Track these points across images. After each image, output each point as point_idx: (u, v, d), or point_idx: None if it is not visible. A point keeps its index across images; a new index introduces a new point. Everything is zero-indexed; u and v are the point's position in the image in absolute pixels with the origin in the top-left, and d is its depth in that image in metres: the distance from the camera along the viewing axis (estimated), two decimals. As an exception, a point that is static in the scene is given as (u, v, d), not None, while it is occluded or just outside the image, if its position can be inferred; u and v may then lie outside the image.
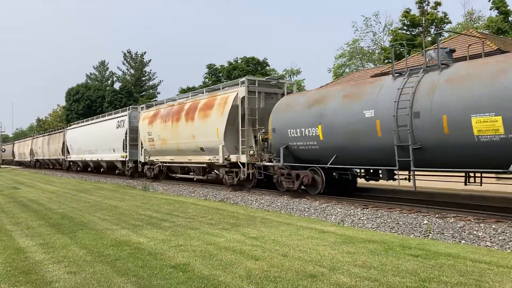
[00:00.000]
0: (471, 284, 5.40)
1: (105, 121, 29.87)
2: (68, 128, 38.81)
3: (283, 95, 16.47)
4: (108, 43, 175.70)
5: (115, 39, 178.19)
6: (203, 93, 19.84)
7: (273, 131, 14.33)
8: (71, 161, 37.50)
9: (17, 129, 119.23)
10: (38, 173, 42.02)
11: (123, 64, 74.38)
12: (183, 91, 49.09)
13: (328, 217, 11.10)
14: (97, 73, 78.10)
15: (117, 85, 68.81)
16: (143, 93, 70.54)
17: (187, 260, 6.69)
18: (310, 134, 12.83)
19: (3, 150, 74.59)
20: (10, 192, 20.36)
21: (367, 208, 11.32)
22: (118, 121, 26.82)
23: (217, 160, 16.91)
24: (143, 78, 73.97)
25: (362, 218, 10.48)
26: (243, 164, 15.96)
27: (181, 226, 9.84)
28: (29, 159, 53.70)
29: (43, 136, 47.89)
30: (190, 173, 21.07)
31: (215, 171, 19.09)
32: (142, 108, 25.12)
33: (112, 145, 27.38)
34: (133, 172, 25.78)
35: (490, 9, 39.76)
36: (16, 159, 63.53)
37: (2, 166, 67.84)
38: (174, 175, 22.17)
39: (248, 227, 9.62)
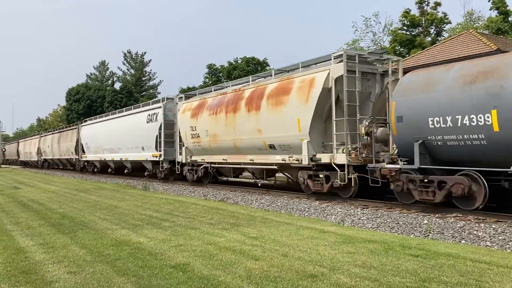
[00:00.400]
0: (471, 284, 5.40)
1: (131, 115, 25.63)
2: (83, 124, 34.15)
3: (382, 75, 13.10)
4: (108, 43, 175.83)
5: (115, 39, 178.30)
6: (271, 75, 15.72)
7: (399, 120, 10.58)
8: (87, 161, 33.53)
9: (17, 129, 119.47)
10: (39, 172, 41.97)
11: (124, 64, 74.63)
12: (183, 90, 49.06)
13: (328, 217, 11.10)
14: (97, 73, 78.26)
15: (117, 85, 69.02)
16: (144, 93, 70.62)
17: (187, 260, 6.69)
18: (472, 124, 9.10)
19: (3, 149, 74.52)
20: (11, 192, 20.36)
21: (367, 208, 11.31)
22: (149, 115, 22.70)
23: (297, 160, 13.17)
24: (143, 78, 74.11)
25: (362, 218, 10.48)
26: (339, 166, 12.11)
27: (181, 226, 9.84)
28: (36, 159, 49.36)
29: (53, 133, 43.19)
30: (240, 176, 18.23)
31: (285, 174, 15.66)
32: (180, 98, 21.02)
33: (140, 143, 23.51)
34: (168, 174, 22.00)
35: (490, 9, 39.76)
36: (21, 158, 58.96)
37: (5, 165, 67.69)
38: (224, 178, 18.64)
39: (248, 227, 9.62)
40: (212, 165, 18.14)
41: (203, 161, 18.61)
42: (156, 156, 21.81)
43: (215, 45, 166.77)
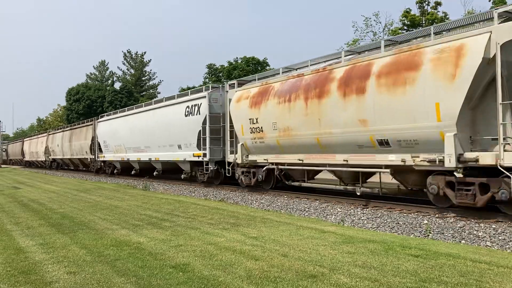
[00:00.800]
0: (472, 284, 5.40)
1: (164, 108, 21.83)
2: (100, 120, 30.66)
3: None
4: (108, 43, 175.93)
5: (115, 39, 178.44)
6: (376, 48, 12.11)
7: None
8: (104, 161, 30.04)
9: (17, 129, 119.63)
10: (39, 172, 41.97)
11: (123, 64, 74.71)
12: (182, 90, 49.06)
13: (328, 217, 11.10)
14: (97, 73, 78.37)
15: (117, 85, 69.03)
16: (144, 93, 70.74)
17: (187, 260, 6.69)
18: None
19: (3, 149, 74.50)
20: (11, 192, 20.36)
21: (367, 208, 11.31)
22: (189, 107, 19.16)
23: (432, 161, 9.64)
24: (143, 78, 74.21)
25: (362, 218, 10.48)
26: (508, 169, 8.53)
27: (181, 226, 9.84)
28: (43, 159, 45.73)
29: (63, 131, 39.40)
30: (308, 181, 14.24)
31: (398, 179, 11.25)
32: (231, 85, 17.23)
33: (176, 140, 20.08)
34: (212, 178, 18.35)
35: (490, 9, 39.74)
36: (27, 158, 55.11)
37: (5, 165, 67.53)
38: (295, 183, 14.55)
39: (248, 227, 9.61)
40: (280, 166, 14.48)
41: (265, 161, 15.03)
42: (199, 156, 18.27)
43: (215, 45, 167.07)
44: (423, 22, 42.92)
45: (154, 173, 23.49)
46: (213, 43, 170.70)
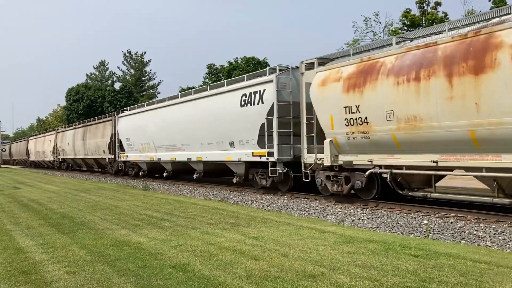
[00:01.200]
0: (471, 284, 5.40)
1: (210, 97, 17.92)
2: (122, 114, 26.96)
3: None
4: (108, 43, 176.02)
5: (115, 39, 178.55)
6: None
7: None
8: (125, 162, 26.53)
9: (17, 129, 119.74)
10: (39, 172, 41.93)
11: (123, 64, 74.80)
12: (182, 90, 49.05)
13: (328, 217, 11.10)
14: (97, 73, 78.48)
15: (117, 85, 69.14)
16: (143, 93, 70.79)
17: (187, 260, 6.69)
18: None
19: (3, 150, 74.45)
20: (11, 191, 20.36)
21: (367, 208, 11.31)
22: (246, 95, 15.49)
23: None
24: (143, 78, 74.31)
25: (362, 218, 10.48)
26: None
27: (181, 226, 9.85)
28: (52, 159, 41.80)
29: (75, 128, 35.65)
30: (436, 191, 10.45)
31: None
32: (309, 65, 13.21)
33: (228, 136, 16.47)
34: (278, 182, 14.67)
35: (490, 9, 39.76)
36: (32, 159, 50.69)
37: (8, 166, 67.30)
38: (417, 193, 10.78)
39: (248, 227, 9.62)
40: (395, 170, 10.73)
41: (369, 163, 11.36)
42: (261, 155, 14.74)
43: (215, 45, 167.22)
44: (423, 22, 42.93)
45: (194, 175, 19.40)
46: (213, 43, 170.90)
